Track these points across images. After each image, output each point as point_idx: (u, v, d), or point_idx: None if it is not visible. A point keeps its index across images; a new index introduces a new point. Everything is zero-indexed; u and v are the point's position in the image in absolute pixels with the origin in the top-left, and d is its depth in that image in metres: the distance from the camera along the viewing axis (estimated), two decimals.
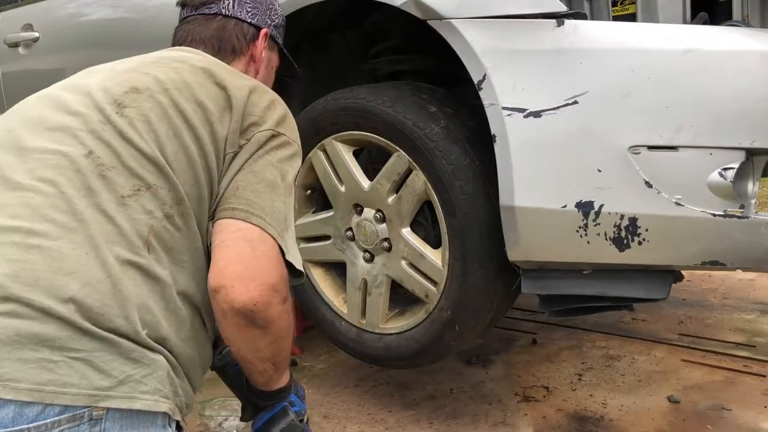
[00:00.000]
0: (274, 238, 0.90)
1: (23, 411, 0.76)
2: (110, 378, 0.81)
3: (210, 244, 0.92)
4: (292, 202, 0.98)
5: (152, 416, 0.85)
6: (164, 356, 0.88)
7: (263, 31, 1.21)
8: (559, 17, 1.46)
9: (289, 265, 0.94)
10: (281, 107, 1.05)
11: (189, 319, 0.92)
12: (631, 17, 1.67)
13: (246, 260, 0.86)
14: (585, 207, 1.46)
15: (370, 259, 1.95)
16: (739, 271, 1.76)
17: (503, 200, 1.55)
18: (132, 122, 0.89)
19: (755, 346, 2.48)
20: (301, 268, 0.96)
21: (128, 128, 0.89)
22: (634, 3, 1.66)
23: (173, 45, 1.17)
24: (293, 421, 1.06)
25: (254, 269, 0.86)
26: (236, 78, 1.02)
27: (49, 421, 0.76)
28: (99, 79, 0.97)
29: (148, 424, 0.84)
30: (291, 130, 1.03)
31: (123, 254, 0.84)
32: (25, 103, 0.99)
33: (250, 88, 1.01)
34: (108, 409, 0.80)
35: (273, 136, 0.99)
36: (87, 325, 0.80)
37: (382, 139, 1.78)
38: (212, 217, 0.94)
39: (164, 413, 0.86)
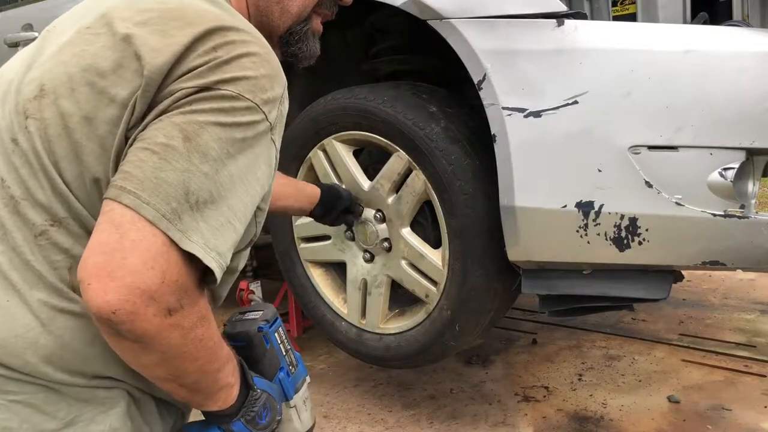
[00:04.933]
0: (153, 223, 0.65)
1: None
2: (56, 420, 0.74)
3: None
4: (219, 170, 0.71)
5: None
6: (124, 389, 0.80)
7: None
8: (559, 17, 1.46)
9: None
10: (243, 50, 0.75)
11: None
12: (631, 17, 1.67)
13: (108, 251, 0.64)
14: (585, 207, 1.46)
15: (370, 259, 1.95)
16: (739, 271, 1.76)
17: (503, 200, 1.55)
18: (34, 144, 0.75)
19: (755, 346, 2.48)
20: (212, 263, 0.69)
21: (31, 152, 0.75)
22: (634, 3, 1.66)
23: None
24: None
25: (116, 265, 0.63)
26: (171, 29, 0.75)
27: None
28: (39, 60, 0.81)
29: None
30: (248, 84, 0.73)
31: (50, 300, 0.74)
32: None
33: (193, 37, 0.73)
34: None
35: (200, 91, 0.71)
36: (19, 375, 0.73)
37: (382, 139, 1.78)
38: None
39: None
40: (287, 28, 0.96)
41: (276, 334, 0.98)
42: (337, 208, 1.79)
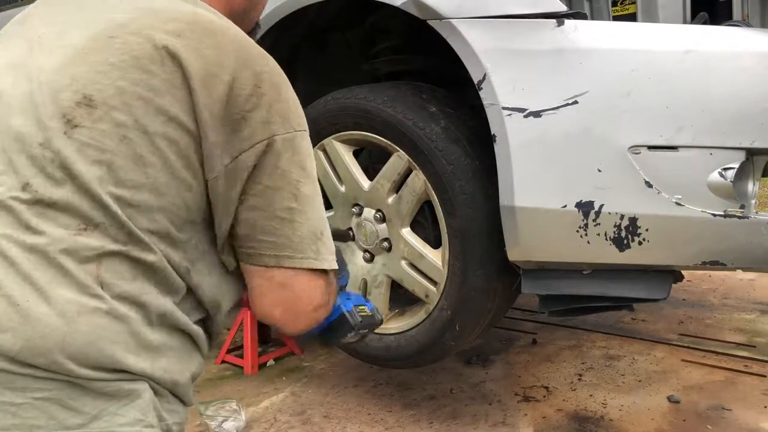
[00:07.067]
0: (309, 269, 0.87)
1: None
2: (82, 415, 0.75)
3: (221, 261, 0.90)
4: (316, 196, 0.89)
5: None
6: (146, 382, 0.81)
7: None
8: (559, 17, 1.46)
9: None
10: (273, 81, 0.84)
11: (173, 346, 0.83)
12: (631, 17, 1.67)
13: (289, 304, 0.88)
14: (585, 207, 1.46)
15: (370, 259, 1.95)
16: (739, 271, 1.77)
17: (503, 200, 1.55)
18: (81, 149, 0.75)
19: (755, 346, 2.48)
20: (334, 265, 0.91)
21: (75, 156, 0.75)
22: (634, 3, 1.66)
23: None
24: (355, 326, 1.09)
25: (299, 309, 0.89)
26: (206, 49, 0.80)
27: None
28: (49, 65, 0.80)
29: None
30: (293, 115, 0.85)
31: (75, 298, 0.74)
32: None
33: (234, 69, 0.80)
34: None
35: (271, 143, 0.82)
36: (44, 374, 0.73)
37: (382, 139, 1.78)
38: (233, 251, 0.89)
39: None
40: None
41: None
42: None
